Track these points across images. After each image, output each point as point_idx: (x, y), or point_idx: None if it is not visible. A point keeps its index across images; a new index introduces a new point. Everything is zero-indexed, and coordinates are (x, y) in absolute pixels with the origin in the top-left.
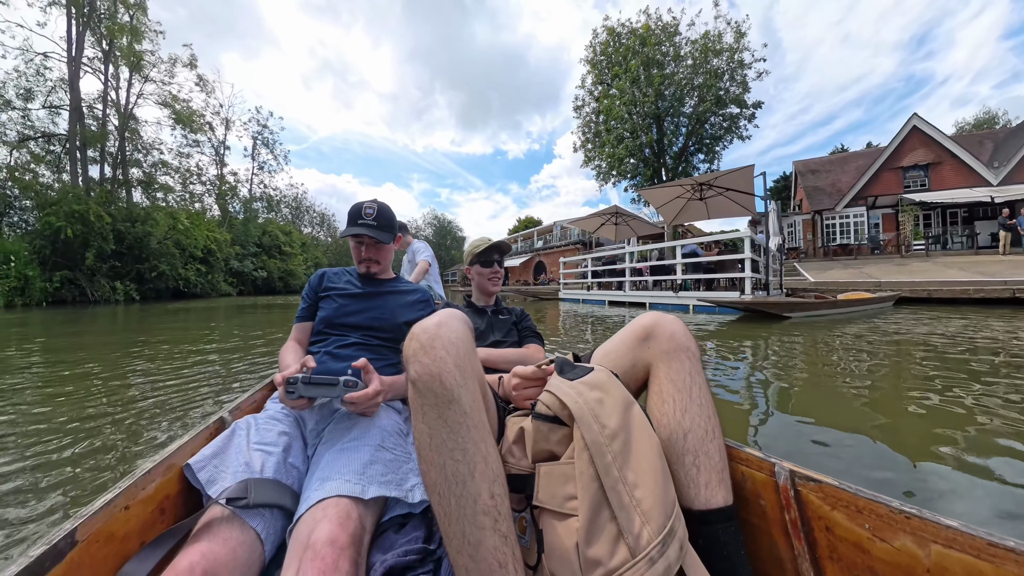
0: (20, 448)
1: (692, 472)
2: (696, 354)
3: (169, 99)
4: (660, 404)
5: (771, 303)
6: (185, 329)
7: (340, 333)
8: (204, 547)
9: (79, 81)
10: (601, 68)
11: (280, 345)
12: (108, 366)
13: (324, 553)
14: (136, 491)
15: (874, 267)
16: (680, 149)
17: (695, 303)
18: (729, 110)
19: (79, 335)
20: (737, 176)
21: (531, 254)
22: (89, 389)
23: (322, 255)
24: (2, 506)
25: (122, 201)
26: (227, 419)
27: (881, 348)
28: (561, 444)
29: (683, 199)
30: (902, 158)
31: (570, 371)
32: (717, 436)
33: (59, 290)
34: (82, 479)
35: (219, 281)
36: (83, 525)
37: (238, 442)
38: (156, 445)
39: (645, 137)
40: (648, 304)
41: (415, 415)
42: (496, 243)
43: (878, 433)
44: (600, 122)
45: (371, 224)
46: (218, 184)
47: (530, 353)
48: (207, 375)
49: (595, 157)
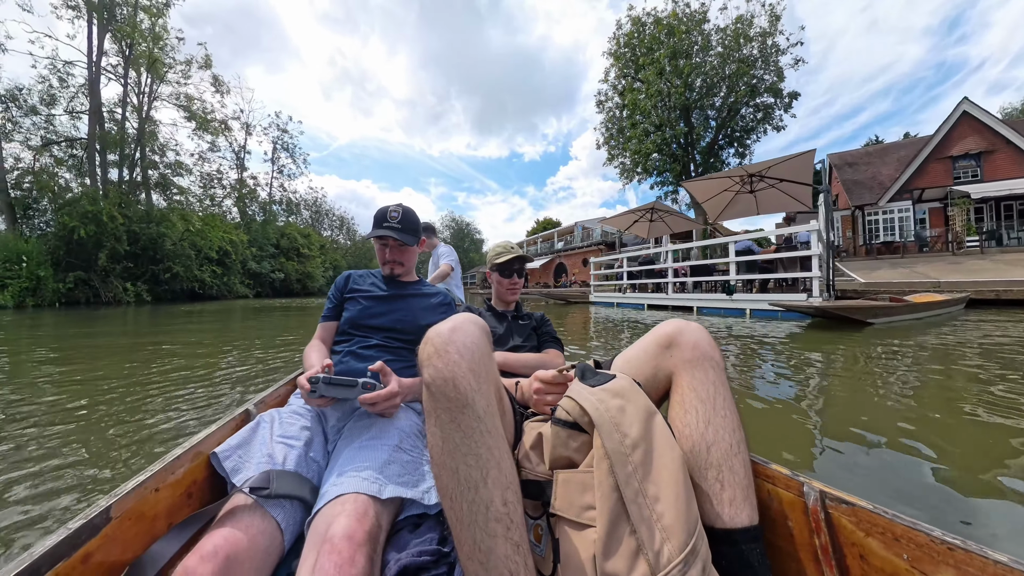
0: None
1: (716, 488)
2: (720, 364)
3: (184, 100)
4: (683, 415)
5: (854, 307)
6: (177, 336)
7: (363, 334)
8: (227, 532)
9: (99, 85)
10: (625, 60)
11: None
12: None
13: (341, 547)
14: (166, 475)
15: (926, 266)
16: (709, 143)
17: (753, 307)
18: (762, 100)
19: (77, 338)
20: (794, 164)
21: (551, 256)
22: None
23: (341, 258)
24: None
25: (141, 204)
26: (252, 411)
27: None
28: (580, 452)
29: (730, 192)
30: (951, 147)
31: (591, 377)
32: (742, 451)
33: (72, 291)
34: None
35: (235, 283)
36: (117, 503)
37: (262, 434)
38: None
39: (673, 131)
40: (696, 308)
41: (429, 418)
42: (517, 255)
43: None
44: (624, 117)
45: (396, 227)
46: (238, 187)
47: (549, 358)
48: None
49: (619, 154)
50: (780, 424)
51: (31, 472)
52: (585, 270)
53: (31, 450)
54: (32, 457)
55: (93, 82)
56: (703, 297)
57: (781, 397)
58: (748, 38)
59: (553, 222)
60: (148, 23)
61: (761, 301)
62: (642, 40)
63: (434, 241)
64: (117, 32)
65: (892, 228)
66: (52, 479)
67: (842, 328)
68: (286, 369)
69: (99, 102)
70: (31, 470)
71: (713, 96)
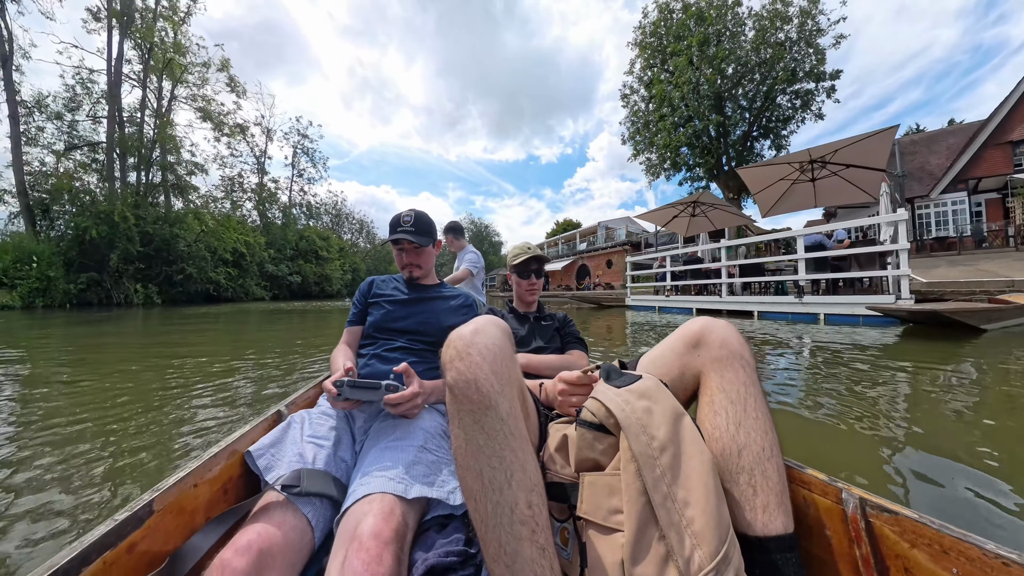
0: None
1: (748, 493)
2: (751, 363)
3: (201, 101)
4: (712, 416)
5: (965, 310)
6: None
7: (387, 337)
8: (261, 528)
9: (119, 89)
10: (652, 50)
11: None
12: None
13: (369, 545)
14: (204, 472)
15: (989, 263)
16: (743, 134)
17: (829, 311)
18: (801, 86)
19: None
20: (867, 146)
21: (573, 257)
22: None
23: (360, 261)
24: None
25: (160, 207)
26: (284, 412)
27: None
28: (606, 454)
29: (787, 181)
30: (1011, 131)
31: (617, 378)
32: (776, 455)
33: (84, 292)
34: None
35: (251, 285)
36: (159, 497)
37: (293, 434)
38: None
39: (705, 122)
40: (756, 313)
41: (452, 420)
42: (534, 255)
43: None
44: (650, 110)
45: (409, 230)
46: (258, 191)
47: (573, 359)
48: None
49: (644, 149)
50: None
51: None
52: (609, 272)
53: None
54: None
55: (112, 86)
56: (766, 300)
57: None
58: (786, 19)
59: (573, 223)
60: (169, 31)
61: (840, 304)
62: (669, 28)
63: (461, 243)
64: (135, 35)
65: (945, 222)
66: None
67: (946, 336)
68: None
69: (118, 107)
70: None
71: (747, 84)
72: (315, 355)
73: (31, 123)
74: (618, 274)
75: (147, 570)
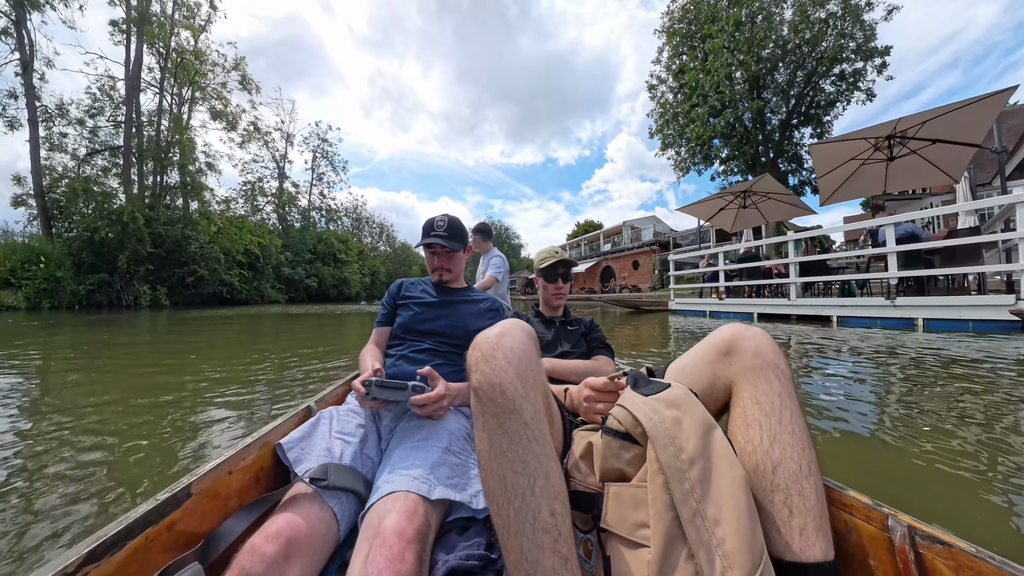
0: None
1: (783, 514)
2: (787, 374)
3: (215, 100)
4: (744, 429)
5: None
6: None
7: (415, 338)
8: (289, 517)
9: (137, 93)
10: (681, 36)
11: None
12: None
13: (392, 542)
14: (238, 460)
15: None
16: (782, 122)
17: (929, 315)
18: (846, 66)
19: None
20: (969, 115)
21: (597, 259)
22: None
23: (380, 264)
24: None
25: (176, 209)
26: (313, 408)
27: None
28: (632, 465)
29: (857, 161)
30: None
31: (644, 386)
32: (813, 473)
33: (93, 293)
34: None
35: (267, 287)
36: (196, 482)
37: (322, 429)
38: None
39: (742, 110)
40: (836, 318)
41: (476, 423)
42: (561, 259)
43: None
44: (680, 101)
45: (442, 235)
46: (278, 195)
47: (599, 365)
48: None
49: (673, 143)
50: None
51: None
52: (636, 273)
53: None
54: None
55: (130, 90)
56: (849, 303)
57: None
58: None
59: (595, 224)
60: (190, 38)
61: (944, 307)
62: (701, 11)
63: (488, 245)
64: (150, 38)
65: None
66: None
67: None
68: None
69: (135, 110)
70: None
71: (786, 68)
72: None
73: (52, 128)
74: (645, 276)
75: (184, 548)
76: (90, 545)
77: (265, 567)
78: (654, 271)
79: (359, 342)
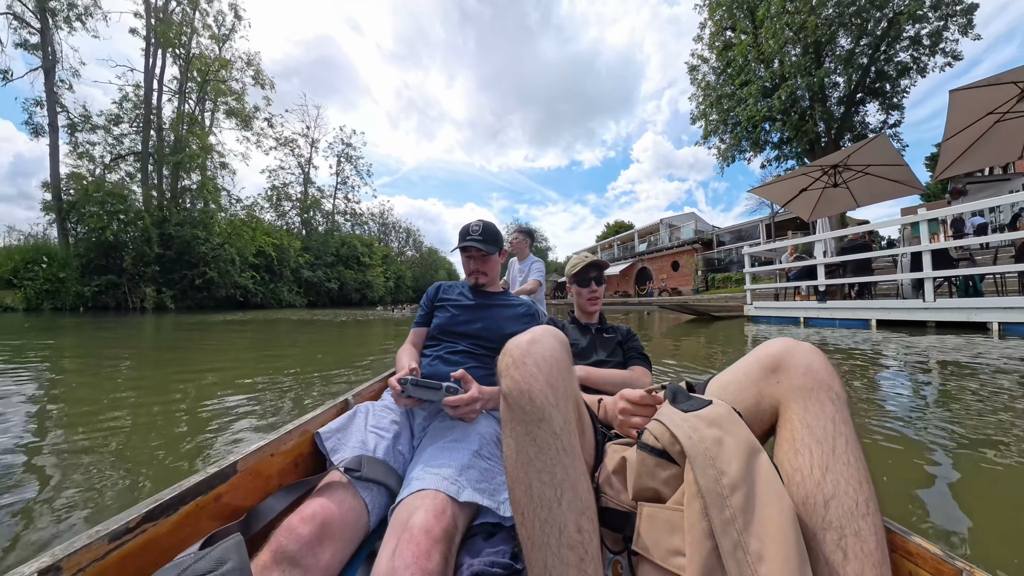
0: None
1: (836, 557)
2: (842, 396)
3: (229, 95)
4: (792, 456)
5: None
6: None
7: (451, 340)
8: (324, 502)
9: (156, 96)
10: (727, 7)
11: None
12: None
13: (419, 539)
14: (279, 444)
15: None
16: (847, 96)
17: None
18: (922, 26)
19: None
20: None
21: (632, 260)
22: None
23: (406, 269)
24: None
25: (191, 211)
26: (351, 401)
27: None
28: (669, 485)
29: (995, 116)
30: None
31: (684, 401)
32: (872, 512)
33: (99, 295)
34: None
35: (283, 291)
36: (241, 461)
37: (358, 422)
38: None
39: (802, 80)
40: (998, 326)
41: (505, 429)
42: (592, 262)
43: None
44: (724, 81)
45: (477, 239)
46: (303, 200)
47: (636, 376)
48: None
49: (717, 129)
50: None
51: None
52: (676, 275)
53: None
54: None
55: (147, 93)
56: (1018, 304)
57: None
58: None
59: (626, 225)
60: (215, 48)
61: None
62: None
63: (526, 251)
64: (165, 41)
65: None
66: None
67: None
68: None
69: (151, 113)
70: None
71: (848, 32)
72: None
73: (76, 136)
74: (687, 277)
75: (229, 519)
76: (149, 506)
77: (300, 546)
78: (697, 272)
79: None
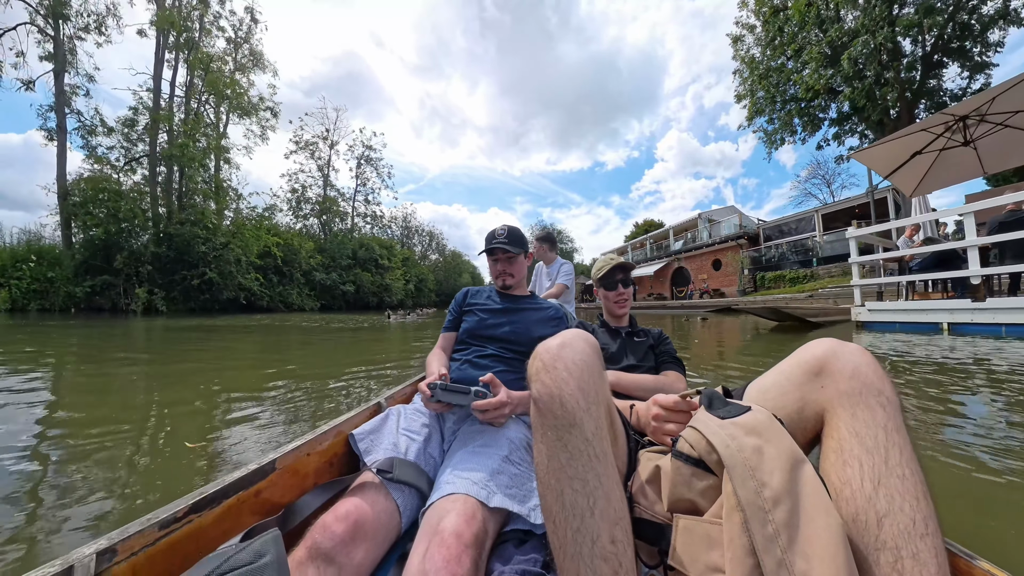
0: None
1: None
2: (895, 402)
3: (226, 83)
4: (840, 467)
5: None
6: None
7: (480, 344)
8: (357, 501)
9: (164, 98)
10: None
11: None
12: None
13: (450, 543)
14: (315, 444)
15: None
16: (924, 57)
17: None
18: None
19: None
20: None
21: (667, 259)
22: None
23: (428, 272)
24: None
25: (193, 210)
26: (383, 404)
27: None
28: (706, 496)
29: None
30: None
31: (720, 407)
32: (932, 531)
33: (91, 296)
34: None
35: (292, 293)
36: (280, 459)
37: (390, 425)
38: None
39: (877, 35)
40: None
41: (536, 434)
42: (618, 264)
43: None
44: (773, 52)
45: (503, 241)
46: (322, 202)
47: (669, 381)
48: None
49: (766, 107)
50: None
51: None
52: (717, 274)
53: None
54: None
55: (156, 94)
56: None
57: None
58: None
59: (655, 223)
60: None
61: None
62: None
63: (553, 255)
64: (175, 41)
65: None
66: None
67: None
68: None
69: (168, 117)
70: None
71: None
72: None
73: (90, 141)
74: (731, 277)
75: (268, 514)
76: (195, 498)
77: (334, 544)
78: (742, 271)
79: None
